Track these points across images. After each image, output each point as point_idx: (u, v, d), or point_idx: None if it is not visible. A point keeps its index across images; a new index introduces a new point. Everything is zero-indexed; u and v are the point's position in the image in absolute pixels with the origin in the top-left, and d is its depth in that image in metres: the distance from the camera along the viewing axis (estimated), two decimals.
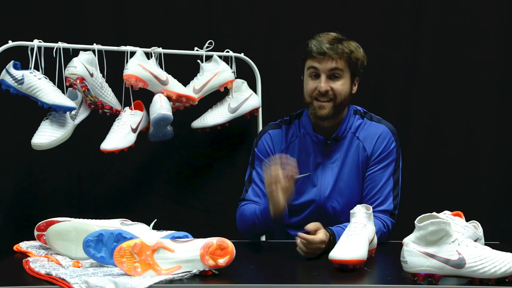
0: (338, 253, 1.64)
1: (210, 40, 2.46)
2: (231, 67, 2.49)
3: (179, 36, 2.58)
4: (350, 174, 2.11)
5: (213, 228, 2.57)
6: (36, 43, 2.24)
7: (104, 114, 2.39)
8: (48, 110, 2.23)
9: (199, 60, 2.46)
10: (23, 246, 1.94)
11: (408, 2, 2.61)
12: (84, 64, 2.24)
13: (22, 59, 2.23)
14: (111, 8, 2.58)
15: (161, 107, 2.31)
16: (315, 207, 2.11)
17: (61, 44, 2.28)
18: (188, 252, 1.56)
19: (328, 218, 2.01)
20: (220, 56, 2.48)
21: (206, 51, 2.47)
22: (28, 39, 2.26)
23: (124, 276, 1.54)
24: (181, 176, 2.64)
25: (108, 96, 2.35)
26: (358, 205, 1.82)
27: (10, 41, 2.23)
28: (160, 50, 2.39)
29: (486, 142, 2.60)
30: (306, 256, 1.82)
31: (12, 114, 2.52)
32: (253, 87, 2.55)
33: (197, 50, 2.47)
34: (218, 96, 2.51)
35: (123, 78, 2.30)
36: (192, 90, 2.43)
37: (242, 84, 2.52)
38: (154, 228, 1.89)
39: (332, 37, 2.06)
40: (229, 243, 1.59)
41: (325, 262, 1.68)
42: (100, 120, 2.39)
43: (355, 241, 1.68)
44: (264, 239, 2.36)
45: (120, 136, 2.32)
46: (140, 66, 2.30)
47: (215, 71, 2.45)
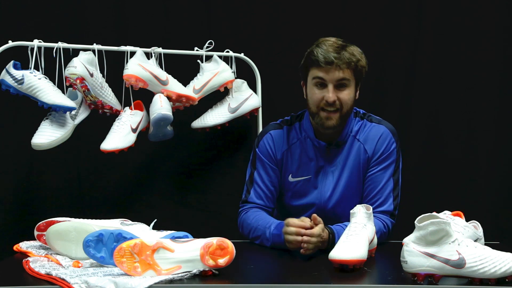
0: (338, 253, 1.64)
1: (210, 40, 2.46)
2: (231, 67, 2.49)
3: (179, 36, 2.58)
4: (351, 177, 2.11)
5: (213, 228, 2.57)
6: (36, 43, 2.24)
7: (104, 114, 2.39)
8: (48, 110, 2.23)
9: (199, 60, 2.46)
10: (23, 246, 1.95)
11: (408, 2, 2.61)
12: (84, 64, 2.24)
13: (22, 59, 2.23)
14: (111, 8, 2.57)
15: (161, 107, 2.31)
16: (315, 210, 2.10)
17: (61, 44, 2.28)
18: (188, 252, 1.57)
19: (329, 221, 2.01)
20: (220, 56, 2.47)
21: (206, 51, 2.47)
22: (28, 39, 2.25)
23: (124, 276, 1.54)
24: (181, 176, 2.64)
25: (108, 96, 2.35)
26: (358, 205, 1.82)
27: (10, 41, 2.23)
28: (160, 50, 2.39)
29: (486, 142, 2.60)
30: (305, 253, 1.83)
31: (12, 114, 2.51)
32: (253, 87, 2.55)
33: (197, 50, 2.47)
34: (218, 96, 2.51)
35: (123, 78, 2.30)
36: (192, 90, 2.43)
37: (242, 84, 2.52)
38: (154, 228, 1.89)
39: (336, 44, 2.02)
40: (229, 243, 1.59)
41: (325, 262, 1.68)
42: (100, 120, 2.39)
43: (355, 241, 1.69)
44: None
45: (120, 136, 2.32)
46: (140, 66, 2.30)
47: (215, 71, 2.45)
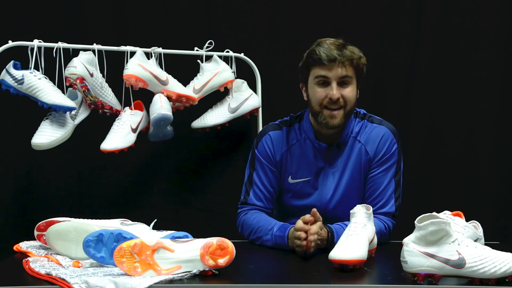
0: (338, 253, 1.64)
1: (210, 40, 2.46)
2: (231, 67, 2.49)
3: (179, 36, 2.58)
4: (352, 178, 2.11)
5: (213, 228, 2.57)
6: (36, 43, 2.24)
7: (104, 114, 2.39)
8: (48, 110, 2.23)
9: (199, 60, 2.46)
10: (23, 246, 1.94)
11: (408, 2, 2.61)
12: (84, 64, 2.24)
13: (22, 59, 2.23)
14: (111, 8, 2.57)
15: (161, 107, 2.31)
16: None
17: (61, 44, 2.28)
18: (188, 252, 1.56)
19: (330, 222, 2.01)
20: (220, 56, 2.47)
21: (206, 51, 2.47)
22: (28, 39, 2.26)
23: (124, 276, 1.54)
24: (181, 176, 2.64)
25: (108, 96, 2.35)
26: (358, 205, 1.82)
27: (10, 41, 2.23)
28: (160, 50, 2.39)
29: (486, 142, 2.60)
30: (304, 250, 1.84)
31: (12, 114, 2.51)
32: (253, 87, 2.55)
33: (197, 50, 2.47)
34: (218, 96, 2.51)
35: (123, 78, 2.30)
36: (192, 90, 2.43)
37: (242, 84, 2.52)
38: (154, 228, 1.89)
39: (337, 42, 2.03)
40: (229, 243, 1.59)
41: (325, 262, 1.68)
42: (100, 120, 2.39)
43: (355, 241, 1.69)
44: None
45: (120, 136, 2.32)
46: (140, 66, 2.30)
47: (215, 71, 2.45)
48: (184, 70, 2.47)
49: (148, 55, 2.36)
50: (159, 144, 2.51)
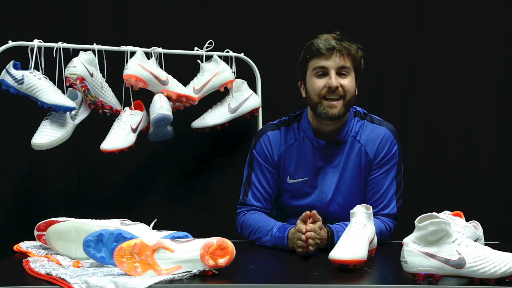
0: (338, 253, 1.64)
1: (210, 40, 2.46)
2: (231, 67, 2.49)
3: (179, 36, 2.58)
4: (352, 178, 2.10)
5: (213, 228, 2.57)
6: (36, 43, 2.24)
7: (104, 114, 2.39)
8: (48, 110, 2.23)
9: (199, 60, 2.46)
10: (23, 246, 1.94)
11: (408, 2, 2.61)
12: (84, 64, 2.24)
13: (22, 59, 2.23)
14: (111, 8, 2.58)
15: (161, 107, 2.31)
16: (316, 212, 2.10)
17: (61, 44, 2.28)
18: (188, 252, 1.56)
19: (329, 222, 2.00)
20: (220, 56, 2.47)
21: (206, 51, 2.47)
22: (28, 39, 2.26)
23: (124, 276, 1.54)
24: (181, 176, 2.64)
25: (108, 96, 2.35)
26: (358, 205, 1.82)
27: (10, 41, 2.23)
28: (160, 50, 2.39)
29: (486, 142, 2.60)
30: (304, 250, 1.84)
31: (12, 114, 2.51)
32: (253, 87, 2.55)
33: (197, 50, 2.47)
34: (218, 96, 2.51)
35: (123, 78, 2.30)
36: (192, 90, 2.43)
37: (242, 84, 2.52)
38: (154, 228, 1.89)
39: (335, 35, 2.05)
40: (229, 243, 1.59)
41: (325, 262, 1.68)
42: (100, 120, 2.39)
43: (355, 241, 1.69)
44: None
45: (120, 136, 2.32)
46: (140, 66, 2.30)
47: (215, 71, 2.45)
48: (184, 70, 2.47)
49: (148, 55, 2.36)
50: (159, 144, 2.51)
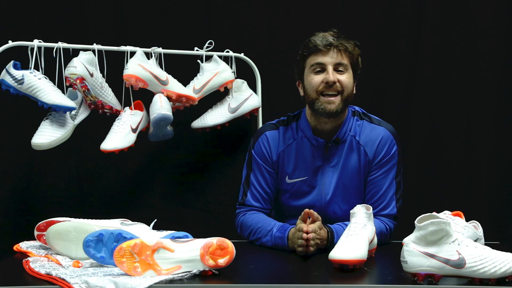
0: (338, 253, 1.64)
1: (210, 40, 2.46)
2: (231, 67, 2.49)
3: (179, 36, 2.58)
4: (351, 178, 2.10)
5: (213, 228, 2.57)
6: (36, 43, 2.24)
7: (104, 114, 2.39)
8: (48, 110, 2.23)
9: (199, 60, 2.46)
10: (23, 246, 1.95)
11: (408, 2, 2.61)
12: (84, 64, 2.24)
13: (22, 59, 2.23)
14: (111, 8, 2.57)
15: (161, 107, 2.31)
16: (315, 211, 2.10)
17: (61, 44, 2.28)
18: (188, 252, 1.57)
19: (329, 222, 2.00)
20: (220, 56, 2.47)
21: (206, 51, 2.47)
22: (28, 39, 2.26)
23: (124, 276, 1.54)
24: (181, 176, 2.64)
25: (108, 96, 2.35)
26: (358, 205, 1.82)
27: (10, 41, 2.23)
28: (160, 50, 2.39)
29: (486, 142, 2.60)
30: (304, 250, 1.84)
31: (12, 114, 2.51)
32: (253, 87, 2.55)
33: (197, 50, 2.47)
34: (218, 96, 2.51)
35: (123, 78, 2.30)
36: (192, 90, 2.43)
37: (242, 84, 2.52)
38: (154, 228, 1.89)
39: (333, 32, 2.06)
40: (229, 243, 1.59)
41: (325, 262, 1.68)
42: (100, 120, 2.39)
43: (355, 241, 1.69)
44: None
45: (120, 136, 2.32)
46: (140, 66, 2.30)
47: (215, 71, 2.45)
48: (184, 70, 2.47)
49: (148, 55, 2.36)
50: (159, 144, 2.51)
